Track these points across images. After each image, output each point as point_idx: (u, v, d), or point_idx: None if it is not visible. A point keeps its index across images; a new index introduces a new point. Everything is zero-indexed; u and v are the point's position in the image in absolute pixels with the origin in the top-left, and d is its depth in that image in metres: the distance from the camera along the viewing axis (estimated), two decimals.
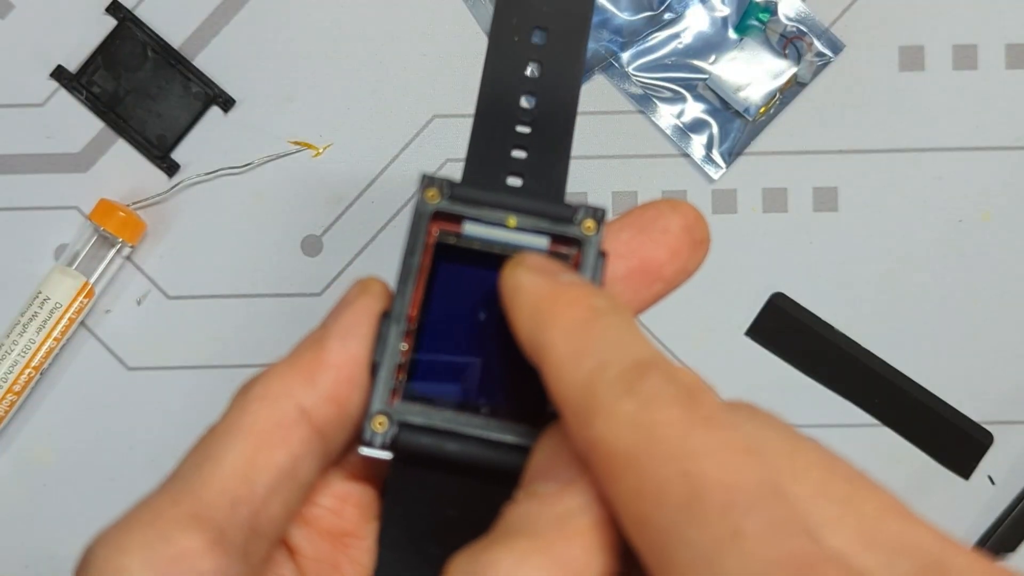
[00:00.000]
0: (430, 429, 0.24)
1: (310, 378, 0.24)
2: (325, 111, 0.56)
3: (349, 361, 0.24)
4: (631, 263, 0.25)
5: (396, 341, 0.24)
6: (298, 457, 0.23)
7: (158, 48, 0.55)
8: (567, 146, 0.26)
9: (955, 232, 0.56)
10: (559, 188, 0.26)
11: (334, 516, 0.25)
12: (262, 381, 0.24)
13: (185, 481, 0.23)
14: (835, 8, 0.55)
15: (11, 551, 0.55)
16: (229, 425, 0.23)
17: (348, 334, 0.24)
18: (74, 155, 0.56)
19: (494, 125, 0.26)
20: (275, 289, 0.55)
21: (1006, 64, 0.55)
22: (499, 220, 0.25)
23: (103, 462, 0.55)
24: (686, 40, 0.55)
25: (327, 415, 0.24)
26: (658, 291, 0.26)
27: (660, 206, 0.25)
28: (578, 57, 0.26)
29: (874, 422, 0.55)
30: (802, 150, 0.56)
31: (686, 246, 0.26)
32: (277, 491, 0.23)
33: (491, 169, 0.26)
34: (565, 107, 0.26)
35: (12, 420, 0.54)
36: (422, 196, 0.25)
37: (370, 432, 0.24)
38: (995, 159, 0.56)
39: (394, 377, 0.24)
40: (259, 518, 0.23)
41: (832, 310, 0.56)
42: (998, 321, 0.56)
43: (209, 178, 0.55)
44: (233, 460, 0.23)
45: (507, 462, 0.24)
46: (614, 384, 0.20)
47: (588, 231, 0.25)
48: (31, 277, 0.54)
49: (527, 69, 0.26)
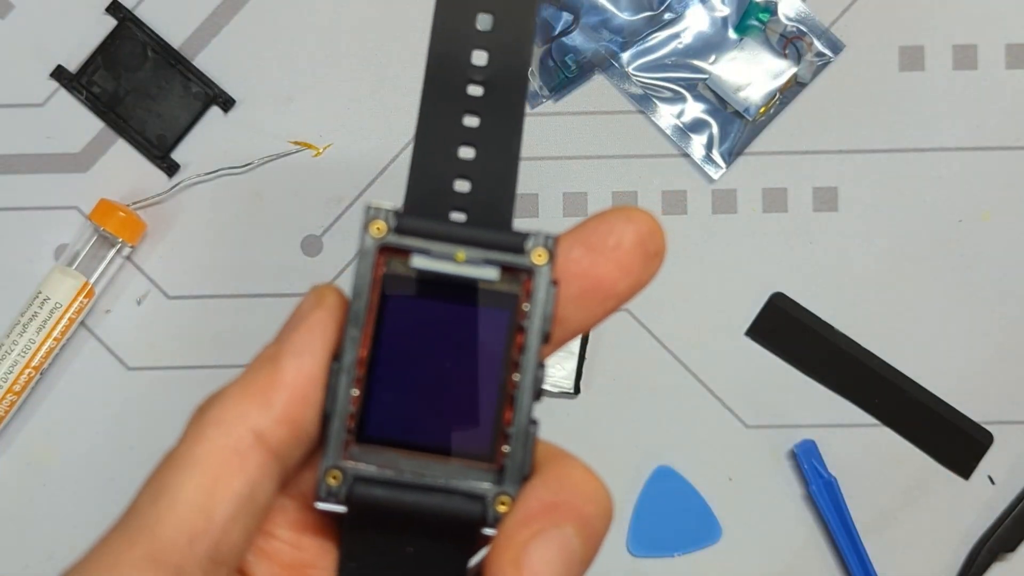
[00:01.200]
0: (384, 481, 0.24)
1: (264, 400, 0.23)
2: (325, 111, 0.56)
3: (304, 380, 0.23)
4: (583, 284, 0.25)
5: (347, 390, 0.24)
6: (256, 482, 0.23)
7: (158, 48, 0.55)
8: (521, 110, 0.25)
9: (955, 232, 0.56)
10: (511, 164, 0.25)
11: (293, 549, 0.24)
12: (217, 405, 0.23)
13: (142, 518, 0.23)
14: (835, 8, 0.56)
15: (11, 551, 0.55)
16: (184, 454, 0.23)
17: (302, 351, 0.24)
18: (74, 155, 0.56)
19: (445, 83, 0.25)
20: (275, 289, 0.55)
21: (1006, 64, 0.55)
22: (448, 254, 0.24)
23: (103, 462, 0.55)
24: (686, 40, 0.55)
25: (282, 436, 0.23)
26: (611, 307, 0.25)
27: (612, 219, 0.25)
28: (531, 8, 0.26)
29: (874, 422, 0.55)
30: (802, 150, 0.56)
31: (639, 261, 0.25)
32: (236, 519, 0.23)
33: (443, 137, 0.25)
34: (519, 64, 0.25)
35: (12, 420, 0.54)
36: (367, 231, 0.24)
37: (325, 487, 0.24)
38: (995, 159, 0.56)
39: (346, 428, 0.24)
40: (219, 548, 0.22)
41: (832, 310, 0.56)
42: (998, 321, 0.56)
43: (209, 178, 0.55)
44: (190, 493, 0.22)
45: (462, 511, 0.24)
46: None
47: (539, 261, 0.24)
48: (31, 277, 0.54)
49: (477, 22, 0.25)
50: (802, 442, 0.54)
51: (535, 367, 0.24)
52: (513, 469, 0.24)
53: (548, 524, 0.23)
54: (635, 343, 0.56)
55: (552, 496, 0.23)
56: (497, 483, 0.24)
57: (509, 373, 0.24)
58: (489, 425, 0.24)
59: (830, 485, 0.54)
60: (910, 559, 0.55)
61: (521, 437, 0.24)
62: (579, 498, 0.23)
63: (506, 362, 0.24)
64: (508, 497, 0.24)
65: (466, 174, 0.25)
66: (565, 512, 0.23)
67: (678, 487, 0.55)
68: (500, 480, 0.24)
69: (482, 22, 0.25)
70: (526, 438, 0.24)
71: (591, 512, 0.23)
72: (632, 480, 0.55)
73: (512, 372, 0.24)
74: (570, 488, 0.24)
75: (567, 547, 0.23)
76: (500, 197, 0.25)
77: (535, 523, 0.23)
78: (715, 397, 0.55)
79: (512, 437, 0.24)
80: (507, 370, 0.24)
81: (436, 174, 0.25)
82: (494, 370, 0.24)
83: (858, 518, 0.54)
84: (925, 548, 0.55)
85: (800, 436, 0.55)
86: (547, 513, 0.23)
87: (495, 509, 0.24)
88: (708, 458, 0.55)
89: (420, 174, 0.25)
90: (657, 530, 0.55)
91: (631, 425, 0.55)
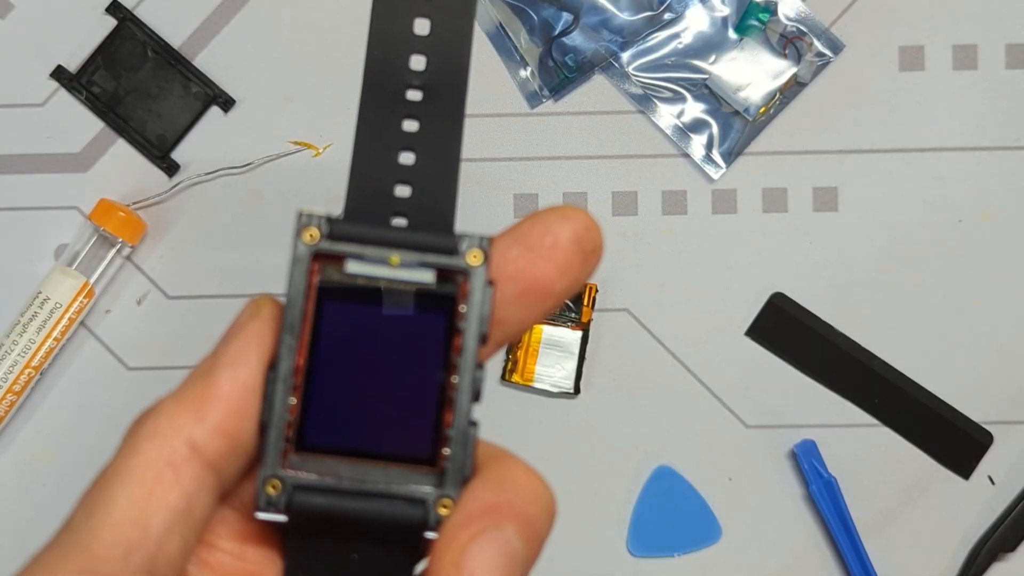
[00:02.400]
0: (325, 489, 0.24)
1: (199, 412, 0.23)
2: (325, 111, 0.55)
3: (239, 391, 0.23)
4: (521, 284, 0.25)
5: (283, 399, 0.24)
6: (192, 494, 0.23)
7: (158, 48, 0.55)
8: (460, 114, 0.25)
9: (955, 232, 0.56)
10: (452, 168, 0.25)
11: (236, 560, 0.24)
12: (151, 418, 0.23)
13: (77, 532, 0.22)
14: (835, 8, 0.55)
15: (11, 551, 0.55)
16: (118, 468, 0.23)
17: (237, 362, 0.23)
18: (74, 155, 0.56)
19: (383, 88, 0.25)
20: (275, 289, 0.55)
21: (1006, 64, 0.55)
22: (382, 258, 0.24)
23: (103, 462, 0.55)
24: (686, 40, 0.55)
25: (218, 448, 0.23)
26: (550, 305, 0.25)
27: (548, 218, 0.25)
28: (468, 12, 0.25)
29: (874, 422, 0.55)
30: (802, 150, 0.56)
31: (577, 260, 0.25)
32: (173, 531, 0.22)
33: (382, 142, 0.25)
34: (457, 68, 0.25)
35: (12, 420, 0.54)
36: (299, 238, 0.24)
37: (264, 497, 0.23)
38: (995, 159, 0.56)
39: (284, 437, 0.24)
40: (155, 561, 0.22)
41: (832, 310, 0.56)
42: (998, 321, 0.56)
43: (209, 178, 0.55)
44: (124, 505, 0.22)
45: (404, 515, 0.23)
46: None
47: (474, 261, 0.24)
48: (31, 277, 0.54)
49: (414, 26, 0.25)
50: (802, 442, 0.54)
51: (473, 368, 0.24)
52: (454, 472, 0.24)
53: (489, 525, 0.23)
54: (635, 343, 0.56)
55: (493, 497, 0.23)
56: (438, 486, 0.24)
57: (448, 375, 0.24)
58: (429, 428, 0.24)
59: (830, 485, 0.54)
60: (910, 559, 0.55)
61: (461, 439, 0.24)
62: (520, 498, 0.23)
63: (444, 365, 0.24)
64: (450, 500, 0.24)
65: (406, 179, 0.25)
66: (506, 513, 0.23)
67: (678, 487, 0.55)
68: (441, 483, 0.24)
69: (419, 26, 0.25)
70: (466, 440, 0.24)
71: (533, 512, 0.23)
72: (632, 480, 0.55)
73: (451, 374, 0.24)
74: (512, 488, 0.23)
75: (508, 548, 0.23)
76: (441, 201, 0.25)
77: (475, 524, 0.23)
78: (715, 397, 0.55)
79: (452, 439, 0.24)
80: (446, 372, 0.24)
81: (376, 180, 0.25)
82: (432, 373, 0.24)
83: (858, 518, 0.54)
84: (925, 548, 0.55)
85: (800, 436, 0.55)
86: (488, 514, 0.23)
87: (437, 512, 0.23)
88: (708, 458, 0.55)
89: (359, 180, 0.25)
90: (657, 530, 0.55)
91: (631, 425, 0.55)
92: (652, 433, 0.56)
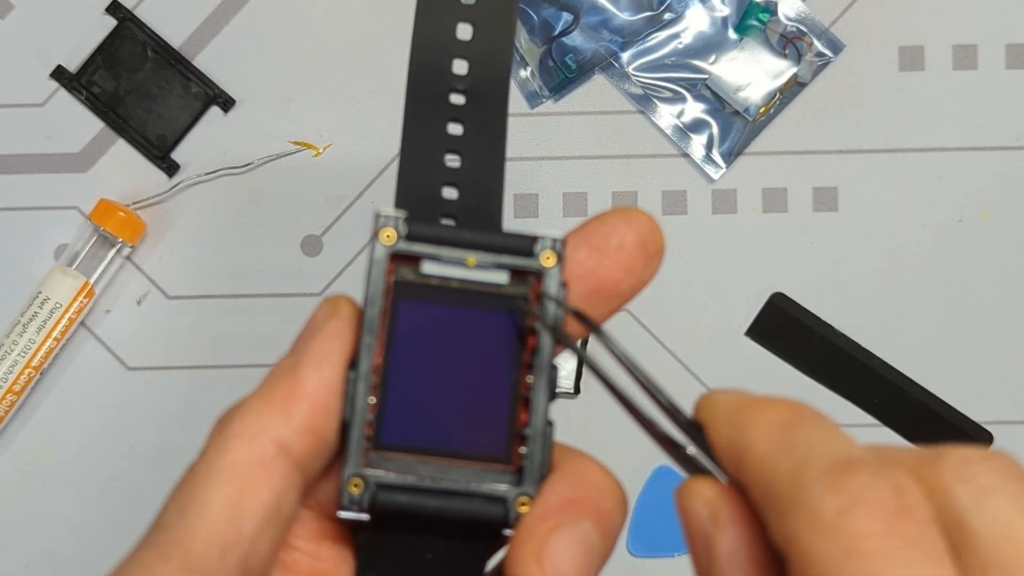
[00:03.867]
0: (406, 488, 0.24)
1: (286, 411, 0.23)
2: (325, 111, 0.55)
3: (324, 390, 0.24)
4: (589, 284, 0.25)
5: (364, 398, 0.24)
6: (281, 493, 0.23)
7: (158, 48, 0.55)
8: (503, 117, 0.26)
9: (955, 232, 0.56)
10: (497, 170, 0.25)
11: (312, 559, 0.25)
12: (239, 418, 0.23)
13: (172, 531, 0.22)
14: (835, 8, 0.55)
15: (11, 551, 0.55)
16: (209, 466, 0.23)
17: (320, 361, 0.24)
18: (74, 155, 0.56)
19: (427, 92, 0.26)
20: (275, 289, 0.55)
21: (1006, 64, 0.55)
22: (458, 259, 0.24)
23: (103, 462, 0.55)
24: (686, 40, 0.55)
25: (305, 446, 0.23)
26: (616, 306, 0.26)
27: (613, 220, 0.25)
28: (510, 17, 0.26)
29: (874, 422, 0.55)
30: (802, 150, 0.56)
31: (641, 261, 0.25)
32: (264, 530, 0.23)
33: (428, 146, 0.25)
34: (499, 72, 0.26)
35: (12, 420, 0.54)
36: (377, 239, 0.24)
37: (348, 495, 0.24)
38: (995, 159, 0.56)
39: (365, 435, 0.24)
40: (249, 561, 0.22)
41: (832, 310, 0.56)
42: (998, 321, 0.56)
43: (209, 178, 0.55)
44: (218, 505, 0.22)
45: (485, 514, 0.24)
46: (820, 478, 0.19)
47: (548, 263, 0.25)
48: (31, 277, 0.54)
49: (457, 31, 0.26)
50: None
51: (549, 368, 0.25)
52: (532, 470, 0.24)
53: (567, 518, 0.23)
54: (635, 343, 0.55)
55: (571, 492, 0.24)
56: (516, 484, 0.24)
57: (522, 375, 0.25)
58: (503, 427, 0.24)
59: None
60: None
61: (539, 438, 0.24)
62: (596, 494, 0.24)
63: (518, 364, 0.25)
64: (528, 498, 0.24)
65: (453, 181, 0.25)
66: (584, 507, 0.24)
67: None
68: (519, 481, 0.24)
69: (462, 31, 0.26)
70: (544, 439, 0.24)
71: (608, 507, 0.24)
72: (632, 480, 0.55)
73: (525, 374, 0.25)
74: (587, 484, 0.24)
75: (586, 540, 0.23)
76: (488, 203, 0.25)
77: (555, 518, 0.23)
78: None
79: (529, 438, 0.24)
80: (519, 372, 0.25)
81: (424, 182, 0.25)
82: (507, 373, 0.25)
83: None
84: None
85: None
86: (566, 508, 0.23)
87: (516, 510, 0.24)
88: None
89: (408, 183, 0.25)
90: (657, 530, 0.55)
91: (631, 425, 0.55)
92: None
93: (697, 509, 0.22)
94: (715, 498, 0.21)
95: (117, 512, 0.55)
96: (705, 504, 0.21)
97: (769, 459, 0.21)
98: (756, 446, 0.21)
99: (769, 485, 0.20)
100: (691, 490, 0.22)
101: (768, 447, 0.21)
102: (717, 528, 0.21)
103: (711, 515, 0.21)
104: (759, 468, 0.21)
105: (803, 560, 0.19)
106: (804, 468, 0.20)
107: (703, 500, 0.22)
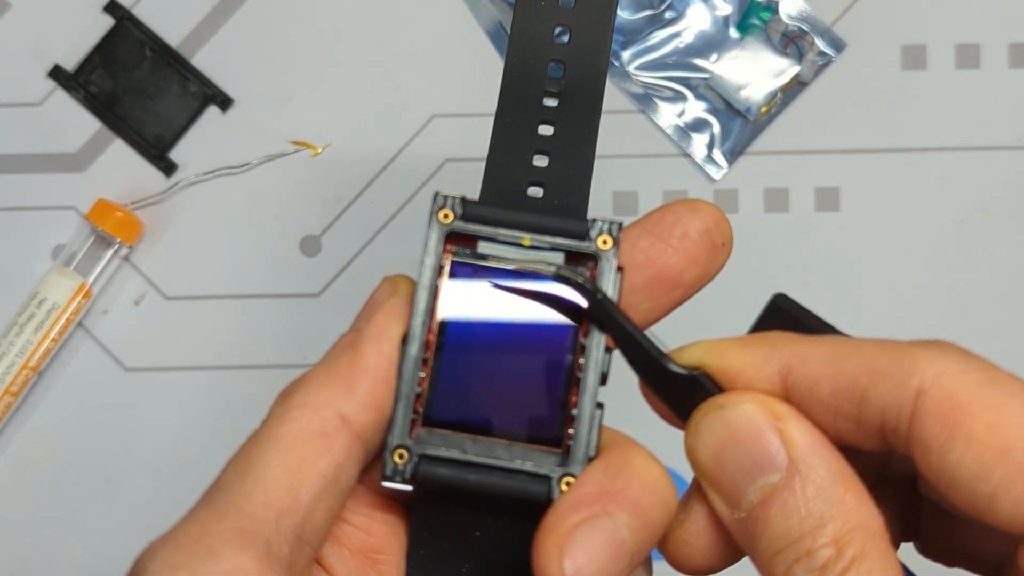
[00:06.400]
0: (451, 460, 0.24)
1: (349, 385, 0.24)
2: (324, 111, 0.55)
3: (385, 364, 0.24)
4: (649, 272, 0.25)
5: (414, 371, 0.24)
6: (340, 464, 0.23)
7: (156, 47, 0.55)
8: (596, 121, 0.26)
9: (957, 232, 0.55)
10: (586, 172, 0.26)
11: (363, 534, 0.25)
12: (302, 389, 0.24)
13: (230, 493, 0.23)
14: (837, 7, 0.55)
15: (9, 552, 0.54)
16: (271, 434, 0.23)
17: (382, 336, 0.24)
18: (71, 155, 0.55)
19: (522, 93, 0.26)
20: (274, 289, 0.55)
21: (1009, 63, 0.55)
22: (514, 239, 0.25)
23: (101, 463, 0.55)
24: (687, 39, 0.55)
25: (366, 420, 0.24)
26: (678, 297, 0.26)
27: (679, 209, 0.25)
28: (607, 21, 0.26)
29: None
30: (804, 150, 0.55)
31: (705, 251, 0.26)
32: (321, 499, 0.23)
33: (517, 145, 0.26)
34: (595, 75, 0.26)
35: (9, 421, 0.54)
36: (435, 217, 0.25)
37: (391, 465, 0.24)
38: (997, 159, 0.55)
39: (412, 408, 0.24)
40: (304, 528, 0.23)
41: (834, 311, 0.55)
42: (1000, 321, 0.55)
43: (207, 178, 0.55)
44: (277, 471, 0.23)
45: (528, 491, 0.24)
46: None
47: (604, 247, 0.25)
48: (28, 277, 0.54)
49: (554, 33, 0.26)
50: None
51: (602, 350, 0.25)
52: (578, 451, 0.24)
53: (599, 511, 0.23)
54: None
55: (609, 482, 0.23)
56: (562, 465, 0.24)
57: (575, 358, 0.25)
58: (555, 409, 0.25)
59: None
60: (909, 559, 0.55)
61: (587, 420, 0.25)
62: (636, 487, 0.23)
63: (572, 347, 0.25)
64: (573, 478, 0.24)
65: (539, 181, 0.26)
66: (619, 500, 0.23)
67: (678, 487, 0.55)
68: (565, 462, 0.24)
69: (559, 34, 0.26)
70: (591, 420, 0.25)
71: (647, 502, 0.23)
72: None
73: (578, 357, 0.25)
74: (628, 475, 0.24)
75: (616, 536, 0.23)
76: (573, 203, 0.26)
77: (586, 508, 0.23)
78: None
79: (578, 419, 0.24)
80: (573, 355, 0.25)
81: (509, 179, 0.26)
82: (560, 355, 0.25)
83: None
84: None
85: None
86: (600, 499, 0.23)
87: (560, 489, 0.24)
88: None
89: (493, 179, 0.26)
90: None
91: (631, 425, 0.55)
92: (652, 433, 0.55)
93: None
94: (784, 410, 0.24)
95: (115, 513, 0.54)
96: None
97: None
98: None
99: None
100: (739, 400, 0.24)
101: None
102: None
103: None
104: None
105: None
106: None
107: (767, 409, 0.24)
